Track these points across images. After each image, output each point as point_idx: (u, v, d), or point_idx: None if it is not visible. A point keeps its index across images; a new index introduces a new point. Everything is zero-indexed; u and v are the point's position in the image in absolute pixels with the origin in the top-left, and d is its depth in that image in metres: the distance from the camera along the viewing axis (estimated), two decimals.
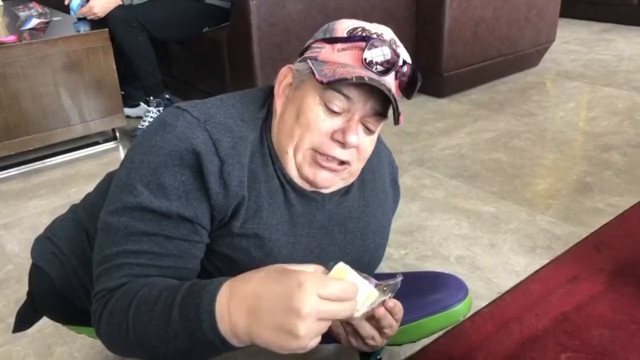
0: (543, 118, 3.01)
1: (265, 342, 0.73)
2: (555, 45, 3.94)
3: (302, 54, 1.00)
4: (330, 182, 0.99)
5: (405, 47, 1.00)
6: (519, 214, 2.10)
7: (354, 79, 0.87)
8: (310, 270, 0.78)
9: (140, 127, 2.93)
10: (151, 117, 2.94)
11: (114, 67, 2.72)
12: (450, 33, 3.15)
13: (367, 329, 0.95)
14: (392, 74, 0.93)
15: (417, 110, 3.18)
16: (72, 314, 1.21)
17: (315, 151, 0.94)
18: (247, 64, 2.75)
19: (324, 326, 0.73)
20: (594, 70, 3.75)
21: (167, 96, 3.05)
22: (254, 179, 0.95)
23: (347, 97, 0.91)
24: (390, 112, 0.94)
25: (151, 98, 2.98)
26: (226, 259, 0.97)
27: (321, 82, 0.89)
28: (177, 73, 3.42)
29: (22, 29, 2.75)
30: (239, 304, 0.74)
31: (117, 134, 2.91)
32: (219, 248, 0.96)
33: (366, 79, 0.87)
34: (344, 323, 0.96)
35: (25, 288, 1.23)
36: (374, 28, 0.95)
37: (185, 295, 0.77)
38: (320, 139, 0.93)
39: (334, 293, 0.72)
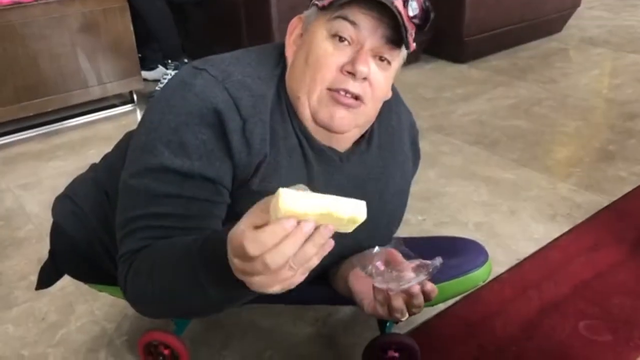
0: (565, 85, 2.95)
1: (253, 287, 0.66)
2: (580, 10, 3.83)
3: (311, 1, 0.97)
4: (347, 122, 0.94)
5: None
6: (539, 182, 2.07)
7: None
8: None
9: (158, 89, 2.92)
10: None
11: (131, 28, 2.69)
12: None
13: (399, 302, 0.94)
14: (399, 1, 0.88)
15: (436, 75, 3.13)
16: (93, 273, 1.22)
17: (330, 90, 0.91)
18: (265, 25, 2.71)
19: (287, 252, 0.61)
20: (620, 37, 3.65)
21: (185, 60, 3.02)
22: (274, 136, 0.93)
23: (353, 23, 0.88)
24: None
25: (169, 61, 2.96)
26: None
27: (322, 7, 0.88)
28: (194, 36, 3.39)
29: None
30: (229, 252, 0.68)
31: (135, 97, 2.90)
32: (239, 209, 0.94)
33: None
34: (376, 291, 0.96)
35: (46, 248, 1.25)
36: None
37: (204, 243, 0.75)
38: (332, 75, 0.90)
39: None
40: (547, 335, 1.38)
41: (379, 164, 1.09)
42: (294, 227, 0.59)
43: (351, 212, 0.63)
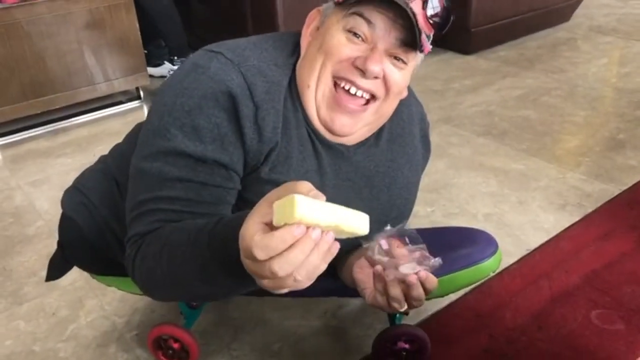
0: (574, 74, 2.92)
1: (263, 286, 0.65)
2: None
3: None
4: (349, 129, 0.94)
5: None
6: (548, 172, 2.05)
7: None
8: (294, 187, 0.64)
9: None
10: None
11: (137, 24, 2.69)
12: None
13: (396, 291, 0.92)
14: (417, 2, 0.88)
15: (444, 67, 3.11)
16: (102, 264, 1.22)
17: (336, 82, 0.91)
18: (271, 18, 2.70)
19: (298, 258, 0.60)
20: (629, 25, 3.61)
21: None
22: (286, 125, 0.92)
23: (368, 21, 0.87)
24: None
25: (175, 57, 2.96)
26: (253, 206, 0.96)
27: (338, 3, 0.88)
28: (200, 32, 3.38)
29: None
30: (241, 251, 0.66)
31: (141, 93, 2.91)
32: (247, 195, 0.94)
33: None
34: (376, 279, 0.95)
35: (56, 243, 1.25)
36: None
37: (214, 234, 0.75)
38: (341, 64, 0.89)
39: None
40: (559, 325, 1.37)
41: (388, 157, 1.09)
42: (303, 234, 0.59)
43: (357, 225, 0.63)
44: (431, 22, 0.90)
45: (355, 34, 0.88)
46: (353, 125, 0.95)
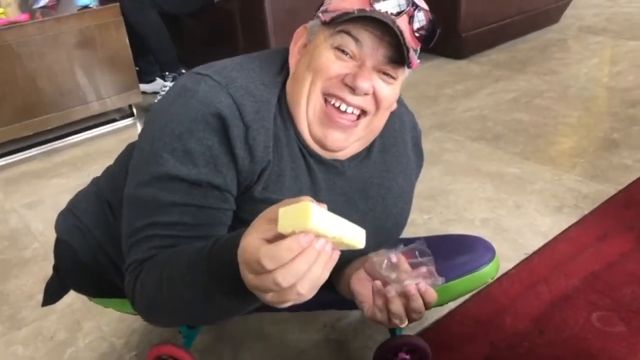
0: (566, 75, 2.93)
1: (266, 301, 0.64)
2: None
3: (316, 12, 0.97)
4: (342, 143, 0.95)
5: None
6: (543, 174, 2.05)
7: (355, 12, 0.85)
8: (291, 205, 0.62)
9: (157, 101, 2.92)
10: None
11: (127, 42, 2.70)
12: None
13: (398, 307, 0.92)
14: (403, 18, 0.88)
15: (436, 73, 3.12)
16: (98, 286, 1.21)
17: (327, 99, 0.91)
18: (261, 32, 2.70)
19: (301, 268, 0.59)
20: (618, 24, 3.62)
21: (182, 71, 3.02)
22: (278, 143, 0.92)
23: (356, 39, 0.87)
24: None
25: (167, 73, 2.96)
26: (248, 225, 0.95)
27: (325, 22, 0.88)
28: (190, 47, 3.39)
29: (34, 7, 2.73)
30: (242, 267, 0.65)
31: (134, 110, 2.90)
32: (241, 215, 0.94)
33: (367, 9, 0.85)
34: (376, 295, 0.95)
35: (52, 266, 1.24)
36: None
37: (212, 254, 0.74)
38: (331, 81, 0.90)
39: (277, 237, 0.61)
40: (559, 329, 1.36)
41: (381, 168, 1.09)
42: (309, 243, 0.58)
43: (356, 238, 0.64)
44: (417, 35, 0.90)
45: (343, 52, 0.89)
46: (346, 140, 0.95)
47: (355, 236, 0.63)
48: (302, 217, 0.57)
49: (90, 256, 1.14)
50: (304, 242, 0.58)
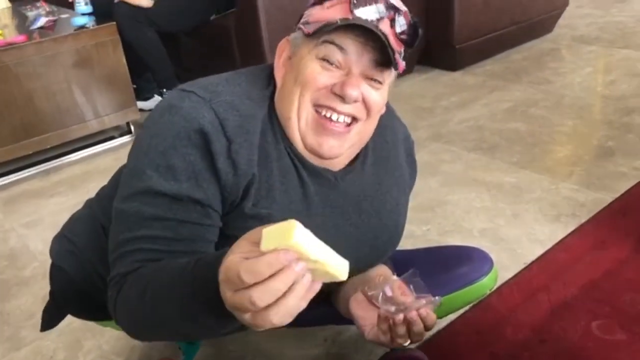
0: (560, 85, 2.95)
1: (245, 323, 0.63)
2: (569, 9, 3.84)
3: (296, 24, 0.98)
4: (337, 150, 0.95)
5: None
6: (540, 183, 2.06)
7: (338, 22, 0.86)
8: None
9: None
10: None
11: (124, 60, 2.71)
12: (461, 3, 3.09)
13: (402, 330, 0.95)
14: (385, 22, 0.90)
15: (431, 85, 3.14)
16: (95, 310, 1.20)
17: (317, 110, 0.92)
18: (257, 48, 2.72)
19: (275, 290, 0.59)
20: (611, 33, 3.65)
21: None
22: (266, 158, 0.93)
23: (340, 48, 0.89)
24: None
25: (164, 90, 2.98)
26: None
27: (308, 35, 0.89)
28: (188, 64, 3.41)
29: (31, 28, 2.76)
30: (221, 286, 0.65)
31: (132, 128, 2.92)
32: (231, 232, 0.94)
33: (351, 18, 0.86)
34: (380, 320, 0.96)
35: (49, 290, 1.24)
36: None
37: (194, 272, 0.73)
38: (319, 92, 0.91)
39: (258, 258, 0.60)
40: (560, 338, 1.36)
41: (375, 181, 1.09)
42: (289, 263, 0.58)
43: (338, 268, 0.62)
44: (400, 38, 0.92)
45: (329, 62, 0.90)
46: (340, 147, 0.96)
47: (338, 265, 0.62)
48: (285, 234, 0.57)
49: (85, 280, 1.15)
50: (283, 260, 0.57)
